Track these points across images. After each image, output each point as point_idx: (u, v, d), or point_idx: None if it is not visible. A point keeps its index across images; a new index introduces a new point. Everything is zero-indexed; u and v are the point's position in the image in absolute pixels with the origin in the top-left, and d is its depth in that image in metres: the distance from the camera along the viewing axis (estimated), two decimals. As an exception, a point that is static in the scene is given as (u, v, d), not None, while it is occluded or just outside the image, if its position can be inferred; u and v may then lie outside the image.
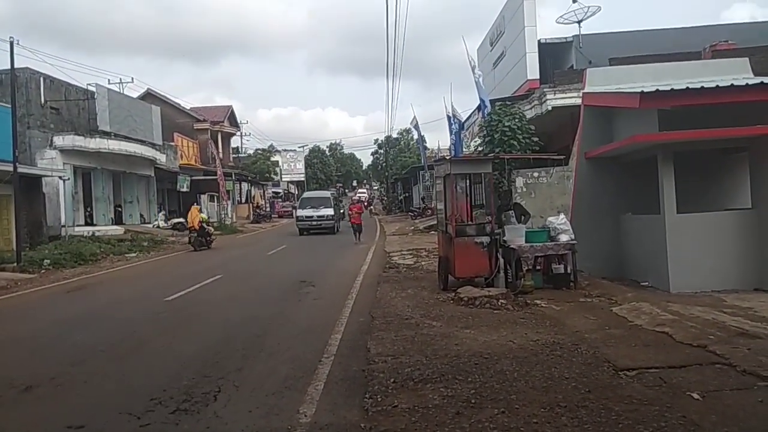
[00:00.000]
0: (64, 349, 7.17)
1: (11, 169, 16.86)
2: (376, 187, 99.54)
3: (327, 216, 28.35)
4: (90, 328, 8.41)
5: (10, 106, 17.46)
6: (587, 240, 10.16)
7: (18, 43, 17.76)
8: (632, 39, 22.62)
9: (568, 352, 5.88)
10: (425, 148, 44.46)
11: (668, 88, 8.52)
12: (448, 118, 22.93)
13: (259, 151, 62.15)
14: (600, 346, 6.05)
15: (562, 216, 10.13)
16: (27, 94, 23.25)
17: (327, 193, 33.53)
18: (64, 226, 22.53)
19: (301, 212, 29.32)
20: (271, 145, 73.04)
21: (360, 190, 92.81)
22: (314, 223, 28.23)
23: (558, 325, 7.19)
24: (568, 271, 9.68)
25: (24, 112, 22.42)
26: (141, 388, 5.40)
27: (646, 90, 8.47)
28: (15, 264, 15.94)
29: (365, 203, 54.03)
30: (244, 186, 50.28)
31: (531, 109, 17.64)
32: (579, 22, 24.88)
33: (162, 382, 5.50)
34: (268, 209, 52.75)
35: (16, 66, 18.09)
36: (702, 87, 8.43)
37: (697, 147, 9.08)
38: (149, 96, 39.14)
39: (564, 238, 9.66)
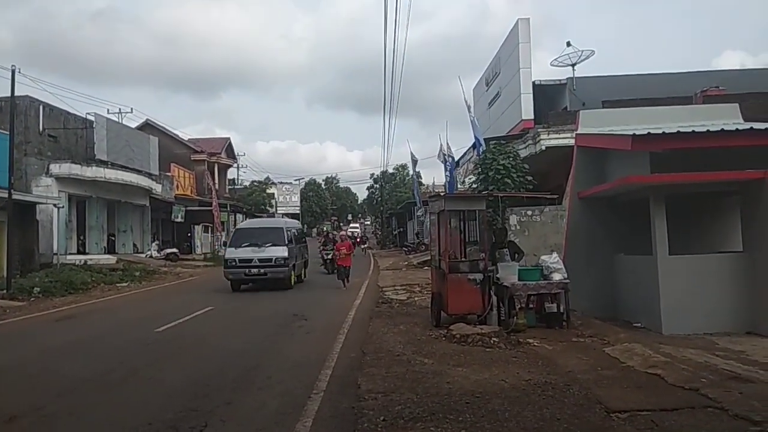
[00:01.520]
0: (50, 379, 7.06)
1: (6, 195, 16.85)
2: (368, 222, 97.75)
3: (276, 259, 17.44)
4: (78, 358, 8.30)
5: (8, 133, 17.54)
6: (580, 279, 10.17)
7: (19, 72, 17.98)
8: (625, 83, 23.09)
9: (560, 392, 5.84)
10: (420, 184, 44.80)
11: (660, 131, 8.66)
12: (443, 155, 23.17)
13: (255, 183, 62.41)
14: (592, 387, 6.01)
15: (555, 255, 10.16)
16: (26, 122, 23.42)
17: (279, 222, 21.77)
18: (56, 254, 22.39)
19: (232, 253, 17.82)
20: (267, 178, 73.45)
21: (352, 225, 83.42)
22: (254, 270, 17.35)
23: (550, 364, 7.14)
24: (561, 310, 9.65)
25: (22, 139, 22.54)
26: (127, 421, 5.32)
27: (638, 133, 8.62)
28: (4, 291, 15.80)
29: (358, 239, 45.88)
30: (239, 218, 50.26)
31: (525, 148, 17.88)
32: (573, 65, 25.41)
33: (149, 415, 5.41)
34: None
35: (16, 94, 18.25)
36: (693, 131, 8.59)
37: (688, 190, 9.18)
38: (148, 126, 39.43)
39: (557, 276, 9.67)
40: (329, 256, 22.64)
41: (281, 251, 17.64)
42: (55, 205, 22.45)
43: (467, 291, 9.65)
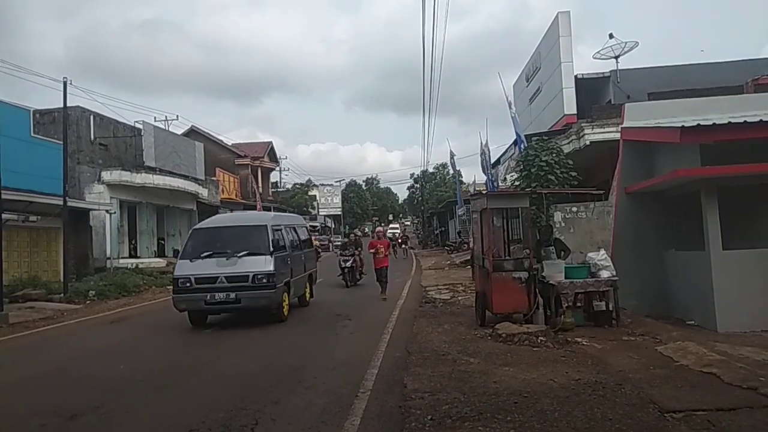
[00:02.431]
0: (107, 379, 7.33)
1: (61, 202, 17.56)
2: (408, 222, 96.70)
3: (255, 277, 11.12)
4: (132, 358, 8.58)
5: (62, 143, 18.28)
6: (629, 276, 9.94)
7: (71, 83, 18.69)
8: (671, 74, 22.40)
9: (611, 392, 5.72)
10: (461, 182, 44.52)
11: (710, 122, 8.39)
12: (483, 154, 22.94)
13: (297, 186, 63.25)
14: (644, 387, 5.86)
15: (602, 252, 9.95)
16: (78, 131, 24.32)
17: (262, 218, 14.44)
18: (109, 258, 23.25)
19: (184, 269, 11.45)
20: (309, 180, 74.30)
21: (392, 225, 76.96)
22: (219, 296, 10.97)
23: (600, 364, 7.00)
24: (610, 308, 9.44)
25: (75, 148, 23.41)
26: (180, 419, 5.47)
27: (687, 125, 8.36)
28: (62, 295, 16.45)
29: (399, 240, 40.97)
30: (282, 220, 50.98)
31: (568, 143, 17.53)
32: (616, 57, 24.78)
33: (200, 414, 5.56)
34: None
35: (68, 105, 18.98)
36: (745, 121, 8.28)
37: (741, 182, 8.86)
38: (193, 133, 40.45)
39: (605, 274, 9.47)
40: (349, 263, 18.54)
41: (264, 263, 11.17)
42: (107, 211, 23.27)
43: (512, 289, 9.54)
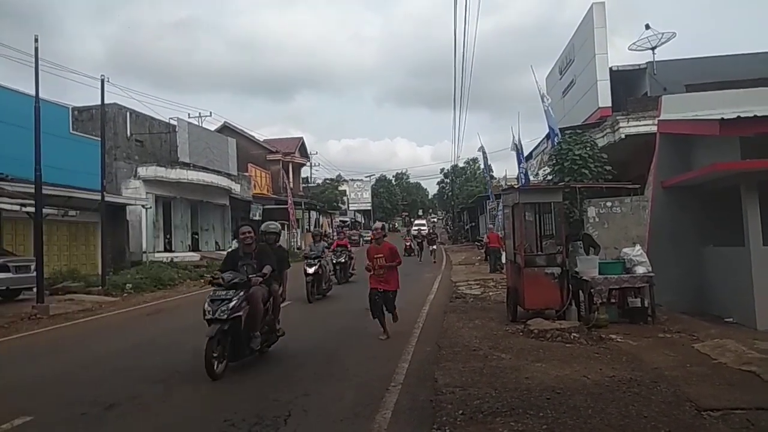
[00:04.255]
0: (143, 370, 7.49)
1: (99, 198, 18.00)
2: (434, 219, 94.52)
3: None
4: (168, 350, 8.75)
5: (99, 139, 18.73)
6: (665, 273, 9.73)
7: (108, 81, 19.09)
8: (709, 65, 21.76)
9: (646, 389, 5.62)
10: (492, 177, 44.13)
11: (750, 114, 8.15)
12: (516, 146, 22.70)
13: (328, 181, 63.59)
14: (681, 384, 5.75)
15: (638, 247, 9.77)
16: (115, 128, 24.89)
17: None
18: (145, 252, 23.76)
19: None
20: (339, 175, 74.62)
21: (418, 221, 73.26)
22: None
23: (635, 361, 6.89)
24: (646, 304, 9.27)
25: (112, 144, 23.95)
26: (215, 409, 5.57)
27: (726, 117, 8.14)
28: (100, 287, 16.88)
29: (426, 238, 33.95)
30: (313, 215, 51.38)
31: (603, 137, 17.23)
32: (653, 48, 24.23)
33: (234, 404, 5.65)
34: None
35: (105, 102, 19.42)
36: (788, 113, 8.02)
37: (784, 176, 8.59)
38: (226, 129, 40.99)
39: (640, 270, 9.29)
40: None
41: None
42: (143, 206, 23.79)
43: (544, 285, 9.45)
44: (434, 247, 32.16)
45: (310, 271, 14.00)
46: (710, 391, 5.53)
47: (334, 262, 17.32)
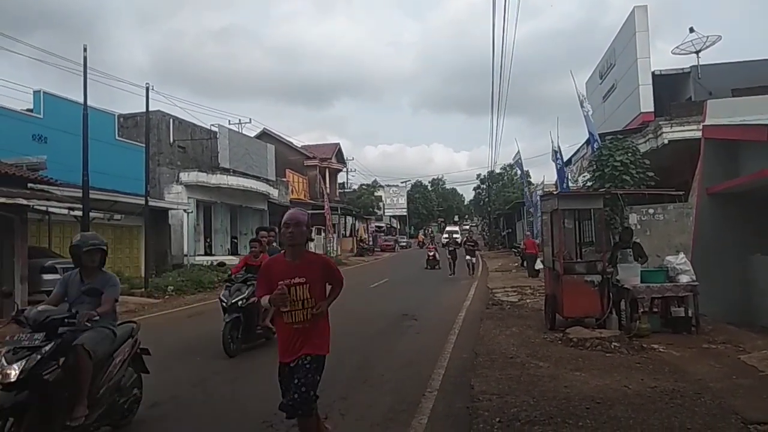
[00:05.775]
0: (184, 370, 7.67)
1: (143, 202, 18.52)
2: (467, 226, 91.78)
3: None
4: (208, 352, 8.92)
5: (144, 145, 19.27)
6: (710, 282, 9.45)
7: (153, 89, 19.65)
8: (756, 69, 21.10)
9: (689, 401, 5.47)
10: (529, 183, 43.59)
11: (802, 118, 7.89)
12: (554, 153, 22.42)
13: (364, 187, 63.87)
14: (726, 396, 5.58)
15: (682, 255, 9.52)
16: (158, 134, 25.60)
17: None
18: (186, 255, 24.30)
19: None
20: (375, 181, 74.87)
21: (449, 228, 70.35)
22: None
23: (678, 371, 6.71)
24: (689, 314, 9.02)
25: (155, 150, 24.62)
26: (254, 411, 5.65)
27: (776, 121, 7.90)
28: (143, 289, 17.34)
29: (463, 246, 27.31)
30: (349, 220, 51.71)
31: (645, 142, 16.87)
32: (697, 52, 23.65)
33: (272, 406, 5.71)
34: (371, 243, 53.81)
35: (150, 109, 19.96)
36: (843, 117, 7.73)
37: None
38: (265, 135, 41.63)
39: (684, 278, 9.05)
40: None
41: None
42: (185, 210, 24.34)
43: (584, 293, 9.29)
44: (473, 258, 24.78)
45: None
46: (757, 403, 5.35)
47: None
